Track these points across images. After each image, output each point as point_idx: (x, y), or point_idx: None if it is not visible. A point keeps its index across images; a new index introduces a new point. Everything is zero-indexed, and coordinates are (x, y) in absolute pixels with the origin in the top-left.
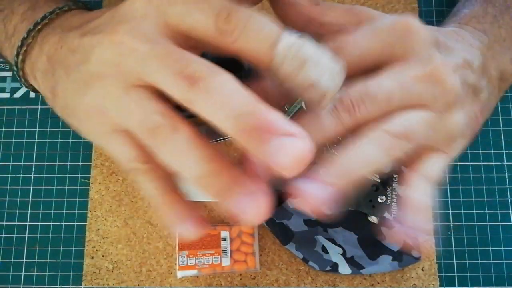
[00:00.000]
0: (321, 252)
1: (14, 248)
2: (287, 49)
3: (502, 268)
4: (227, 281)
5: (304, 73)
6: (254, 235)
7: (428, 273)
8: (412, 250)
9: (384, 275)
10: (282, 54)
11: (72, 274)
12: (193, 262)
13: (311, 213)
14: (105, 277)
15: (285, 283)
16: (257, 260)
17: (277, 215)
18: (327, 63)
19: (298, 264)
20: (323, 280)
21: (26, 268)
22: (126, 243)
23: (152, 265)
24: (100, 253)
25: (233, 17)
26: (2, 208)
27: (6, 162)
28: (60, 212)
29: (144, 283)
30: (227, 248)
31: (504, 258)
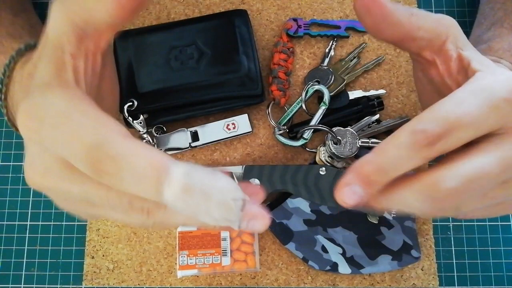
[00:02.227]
0: (321, 252)
1: (14, 248)
2: (174, 198)
3: (501, 267)
4: (227, 280)
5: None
6: (254, 235)
7: (427, 273)
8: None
9: (383, 274)
10: (171, 201)
11: (73, 273)
12: (193, 262)
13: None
14: (106, 277)
15: (285, 283)
16: (257, 259)
17: (277, 215)
18: (217, 199)
19: (298, 264)
20: (323, 280)
21: (27, 268)
22: (127, 243)
23: (153, 265)
24: (101, 253)
25: (104, 165)
26: (2, 208)
27: (7, 162)
28: (60, 212)
29: (145, 283)
30: (227, 247)
31: (503, 258)
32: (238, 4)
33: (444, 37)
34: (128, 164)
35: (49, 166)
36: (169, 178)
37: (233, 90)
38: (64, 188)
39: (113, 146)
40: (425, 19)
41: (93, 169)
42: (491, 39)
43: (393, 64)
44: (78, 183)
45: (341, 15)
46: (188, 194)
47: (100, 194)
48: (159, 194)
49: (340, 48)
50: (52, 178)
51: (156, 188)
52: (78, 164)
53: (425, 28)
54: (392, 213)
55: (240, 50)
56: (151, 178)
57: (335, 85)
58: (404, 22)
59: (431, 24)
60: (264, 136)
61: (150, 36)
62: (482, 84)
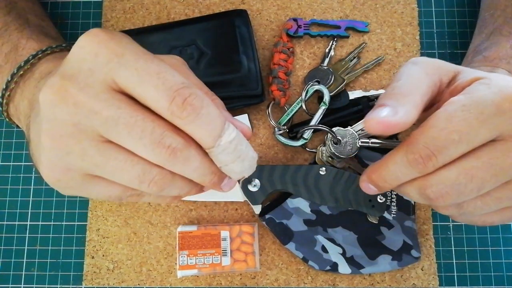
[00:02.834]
0: (321, 252)
1: (14, 248)
2: (226, 144)
3: (501, 267)
4: (227, 280)
5: (233, 165)
6: (254, 235)
7: (427, 273)
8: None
9: (383, 274)
10: (222, 147)
11: (73, 273)
12: (193, 262)
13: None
14: (106, 277)
15: (285, 283)
16: (257, 259)
17: (277, 215)
18: (251, 156)
19: (298, 264)
20: (323, 280)
21: (27, 268)
22: (127, 243)
23: (153, 265)
24: (101, 253)
25: (187, 104)
26: (2, 208)
27: (7, 162)
28: (60, 211)
29: (145, 283)
30: (227, 247)
31: (503, 258)
32: (238, 4)
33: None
34: (209, 105)
35: (94, 83)
36: (229, 129)
37: (233, 90)
38: (97, 107)
39: (199, 90)
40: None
41: (180, 100)
42: (488, 48)
43: (393, 64)
44: (115, 106)
45: (341, 15)
46: (237, 140)
47: (134, 120)
48: (217, 137)
49: (340, 48)
50: (91, 94)
51: (219, 131)
52: (162, 93)
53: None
54: (393, 213)
55: (240, 50)
56: (220, 122)
57: (335, 85)
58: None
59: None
60: (264, 136)
61: (150, 36)
62: (473, 97)
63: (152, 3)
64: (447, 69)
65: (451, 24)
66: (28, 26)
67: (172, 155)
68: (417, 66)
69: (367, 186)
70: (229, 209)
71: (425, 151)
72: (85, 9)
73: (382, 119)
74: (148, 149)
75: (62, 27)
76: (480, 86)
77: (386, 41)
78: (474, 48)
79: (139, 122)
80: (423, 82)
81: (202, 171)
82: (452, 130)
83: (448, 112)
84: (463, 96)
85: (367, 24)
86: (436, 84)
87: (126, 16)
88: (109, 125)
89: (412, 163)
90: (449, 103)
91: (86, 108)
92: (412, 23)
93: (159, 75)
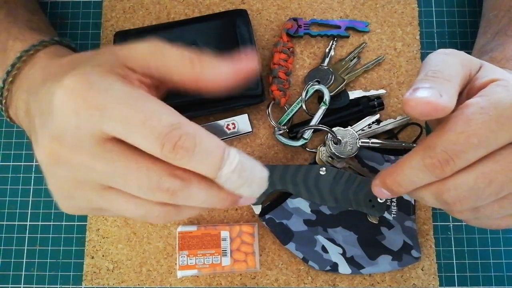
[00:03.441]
0: (321, 252)
1: (14, 248)
2: (228, 174)
3: (501, 268)
4: (227, 280)
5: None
6: (254, 235)
7: (427, 273)
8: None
9: (384, 275)
10: (224, 178)
11: (73, 274)
12: (193, 262)
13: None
14: (106, 277)
15: (285, 283)
16: (257, 260)
17: (277, 215)
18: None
19: (298, 264)
20: (323, 280)
21: (27, 268)
22: (126, 243)
23: (152, 265)
24: (101, 253)
25: (179, 148)
26: (2, 208)
27: (7, 162)
28: (60, 212)
29: (144, 283)
30: (227, 248)
31: (503, 258)
32: (238, 4)
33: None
34: (202, 141)
35: (84, 139)
36: (229, 159)
37: (233, 90)
38: (90, 163)
39: (189, 126)
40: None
41: (170, 144)
42: (494, 49)
43: (393, 64)
44: (109, 160)
45: (341, 15)
46: (240, 168)
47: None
48: (218, 170)
49: (340, 48)
50: (82, 152)
51: (218, 164)
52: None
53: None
54: (393, 213)
55: (240, 50)
56: (218, 156)
57: (335, 85)
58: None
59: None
60: (264, 136)
61: (150, 36)
62: (492, 99)
63: (152, 3)
64: (475, 63)
65: (451, 24)
66: (16, 24)
67: (173, 196)
68: (451, 56)
69: (380, 190)
70: (229, 209)
71: (443, 155)
72: (85, 9)
73: (428, 100)
74: (148, 194)
75: (62, 27)
76: (497, 88)
77: (386, 41)
78: (479, 49)
79: (134, 173)
80: (459, 71)
81: (211, 201)
82: (471, 133)
83: (466, 115)
84: (481, 99)
85: (367, 24)
86: (467, 76)
87: (126, 16)
88: (106, 178)
89: (430, 167)
90: (467, 106)
91: (81, 166)
92: (412, 23)
93: (145, 123)
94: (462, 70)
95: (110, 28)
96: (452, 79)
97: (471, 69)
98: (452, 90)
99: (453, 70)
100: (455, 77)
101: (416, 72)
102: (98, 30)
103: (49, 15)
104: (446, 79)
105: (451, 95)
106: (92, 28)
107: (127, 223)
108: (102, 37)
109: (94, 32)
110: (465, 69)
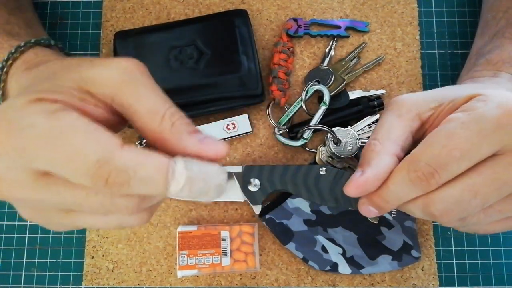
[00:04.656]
0: (321, 252)
1: (14, 248)
2: (177, 192)
3: (501, 267)
4: (227, 280)
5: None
6: (254, 235)
7: (427, 273)
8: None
9: (383, 274)
10: (174, 194)
11: (73, 273)
12: (193, 262)
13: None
14: (106, 277)
15: (285, 283)
16: (257, 260)
17: (277, 215)
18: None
19: (298, 264)
20: (323, 280)
21: (27, 268)
22: (127, 243)
23: (152, 265)
24: (101, 253)
25: (112, 184)
26: (2, 208)
27: None
28: None
29: (144, 283)
30: (227, 248)
31: (503, 258)
32: (238, 4)
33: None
34: (136, 173)
35: (19, 178)
36: (174, 178)
37: (233, 90)
38: (35, 197)
39: (118, 159)
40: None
41: (101, 182)
42: (490, 51)
43: (393, 64)
44: (54, 192)
45: (341, 15)
46: (190, 184)
47: (80, 199)
48: (165, 190)
49: (340, 48)
50: (22, 189)
51: (162, 188)
52: (80, 178)
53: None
54: (393, 213)
55: (240, 50)
56: (159, 180)
57: (335, 85)
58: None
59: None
60: (264, 136)
61: (150, 36)
62: (473, 114)
63: (152, 3)
64: (427, 102)
65: (451, 24)
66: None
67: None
68: (388, 111)
69: (367, 208)
70: (229, 209)
71: (427, 168)
72: (85, 9)
73: (352, 184)
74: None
75: (62, 27)
76: (477, 103)
77: (386, 41)
78: (477, 50)
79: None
80: (394, 127)
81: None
82: (453, 147)
83: (448, 130)
84: (462, 114)
85: (367, 24)
86: (413, 122)
87: (126, 16)
88: (61, 205)
89: (415, 181)
90: (448, 121)
91: (29, 199)
92: (412, 23)
93: (69, 162)
94: (400, 122)
95: (110, 28)
96: (381, 144)
97: (418, 112)
98: (377, 159)
99: (385, 131)
100: (386, 140)
101: (416, 72)
102: (98, 30)
103: (49, 15)
104: (375, 151)
105: (376, 164)
106: (92, 28)
107: None
108: (102, 37)
109: (94, 32)
110: (405, 118)
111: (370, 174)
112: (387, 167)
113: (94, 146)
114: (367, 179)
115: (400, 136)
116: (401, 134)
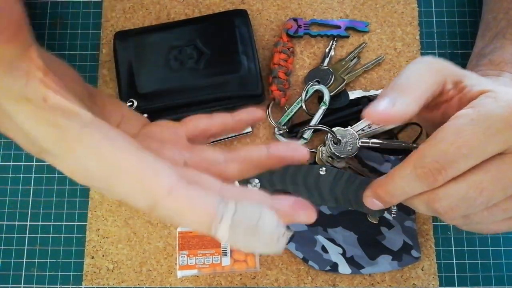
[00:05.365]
0: (321, 252)
1: (14, 248)
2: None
3: (501, 267)
4: (227, 280)
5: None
6: None
7: (427, 273)
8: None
9: (383, 274)
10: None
11: (73, 274)
12: (193, 262)
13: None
14: (106, 277)
15: (285, 283)
16: (257, 259)
17: None
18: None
19: (298, 264)
20: (323, 280)
21: (27, 268)
22: (127, 243)
23: (152, 265)
24: (101, 253)
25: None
26: (2, 208)
27: (7, 162)
28: (60, 211)
29: (144, 283)
30: (227, 247)
31: (503, 258)
32: (238, 4)
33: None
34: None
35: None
36: (220, 221)
37: (233, 90)
38: None
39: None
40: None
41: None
42: (492, 52)
43: (393, 64)
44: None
45: (341, 15)
46: (237, 231)
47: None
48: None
49: (340, 48)
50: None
51: (209, 229)
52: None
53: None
54: (393, 213)
55: (240, 50)
56: (205, 224)
57: (335, 85)
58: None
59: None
60: (264, 136)
61: (150, 36)
62: (481, 111)
63: (152, 3)
64: (453, 71)
65: (451, 24)
66: None
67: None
68: (420, 64)
69: (372, 201)
70: None
71: (434, 165)
72: (85, 9)
73: (380, 111)
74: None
75: (62, 27)
76: (487, 100)
77: (386, 41)
78: (478, 51)
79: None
80: (425, 78)
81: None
82: (461, 144)
83: (457, 126)
84: (471, 110)
85: (367, 24)
86: (439, 83)
87: (126, 16)
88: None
89: (421, 177)
90: (457, 117)
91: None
92: (412, 23)
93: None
94: (430, 76)
95: (110, 28)
96: (410, 87)
97: (444, 76)
98: (407, 98)
99: (416, 78)
100: (415, 85)
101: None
102: (98, 30)
103: (49, 15)
104: (404, 88)
105: (406, 102)
106: (92, 28)
107: (127, 223)
108: (102, 37)
109: (94, 32)
110: (435, 75)
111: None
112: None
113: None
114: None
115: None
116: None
